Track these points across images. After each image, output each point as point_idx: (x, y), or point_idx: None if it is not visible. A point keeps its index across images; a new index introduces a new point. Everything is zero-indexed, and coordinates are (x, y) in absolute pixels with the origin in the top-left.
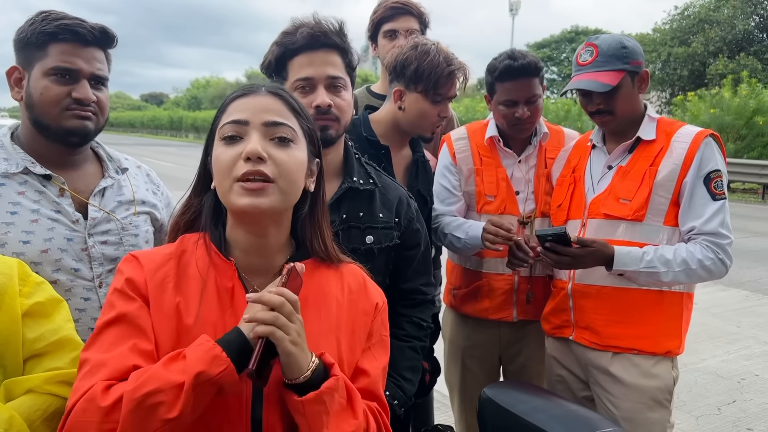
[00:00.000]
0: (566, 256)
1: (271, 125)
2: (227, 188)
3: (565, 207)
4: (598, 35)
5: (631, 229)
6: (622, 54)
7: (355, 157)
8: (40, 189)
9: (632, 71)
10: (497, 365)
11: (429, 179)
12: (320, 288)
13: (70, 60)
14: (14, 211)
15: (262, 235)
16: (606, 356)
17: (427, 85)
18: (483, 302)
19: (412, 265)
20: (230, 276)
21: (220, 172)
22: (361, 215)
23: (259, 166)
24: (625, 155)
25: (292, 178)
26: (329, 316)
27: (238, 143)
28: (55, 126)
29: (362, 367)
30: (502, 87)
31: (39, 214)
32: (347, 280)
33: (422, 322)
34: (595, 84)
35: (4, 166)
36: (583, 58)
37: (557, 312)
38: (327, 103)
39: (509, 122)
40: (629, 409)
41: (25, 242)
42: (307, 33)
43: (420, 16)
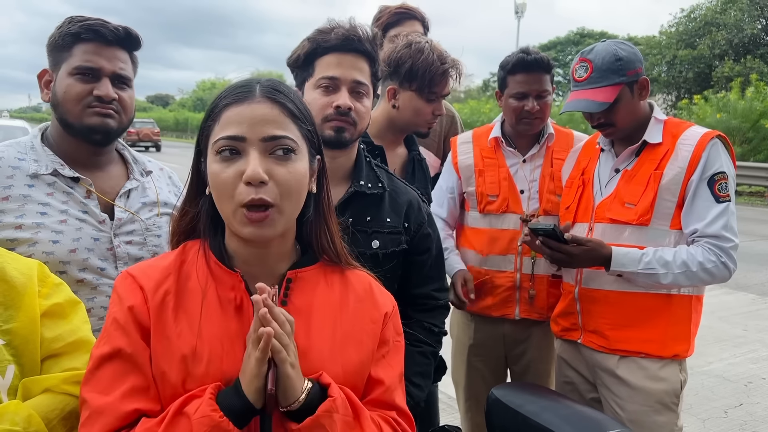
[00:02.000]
0: (560, 253)
1: (271, 140)
2: (230, 212)
3: (573, 209)
4: (593, 47)
5: (637, 234)
6: (617, 67)
7: (366, 161)
8: (68, 190)
9: (630, 82)
10: (503, 365)
11: (426, 178)
12: (325, 297)
13: (92, 59)
14: (44, 212)
15: (265, 248)
16: (613, 359)
17: (421, 84)
18: (486, 299)
19: (423, 270)
20: (233, 286)
21: (221, 194)
22: (368, 219)
23: (261, 192)
24: (632, 158)
25: (295, 196)
26: (334, 325)
27: (235, 160)
28: (78, 123)
29: (376, 376)
30: (514, 79)
31: (67, 214)
32: (354, 288)
33: (434, 327)
34: (592, 104)
35: (35, 167)
36: (579, 74)
37: (566, 315)
38: (348, 106)
39: (518, 116)
40: (635, 411)
41: (54, 242)
42: (342, 34)
43: (423, 21)
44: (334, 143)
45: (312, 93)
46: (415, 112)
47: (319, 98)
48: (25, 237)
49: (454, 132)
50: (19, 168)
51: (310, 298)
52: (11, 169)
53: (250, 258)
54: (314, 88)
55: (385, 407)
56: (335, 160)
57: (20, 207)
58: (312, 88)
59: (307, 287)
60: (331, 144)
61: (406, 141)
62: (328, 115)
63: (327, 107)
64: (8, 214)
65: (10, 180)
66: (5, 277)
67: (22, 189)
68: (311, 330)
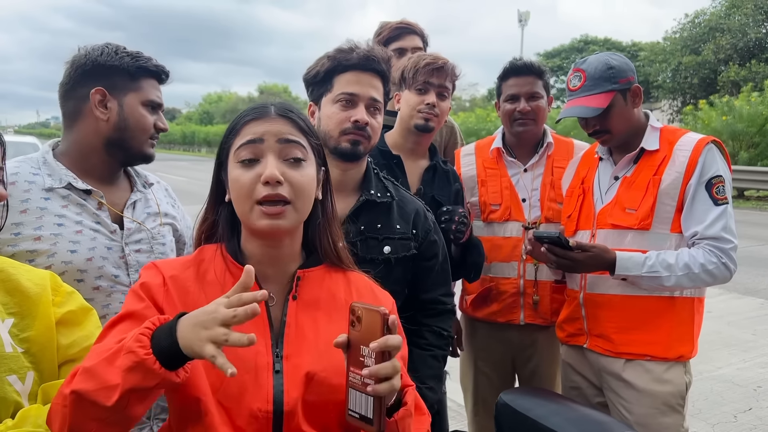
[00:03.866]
0: (565, 259)
1: (286, 142)
2: (248, 210)
3: (574, 217)
4: (585, 58)
5: (639, 238)
6: (609, 75)
7: (374, 172)
8: (81, 202)
9: (622, 89)
10: (511, 370)
11: (448, 186)
12: (330, 293)
13: (157, 94)
14: (61, 223)
15: (277, 247)
16: (619, 363)
17: (410, 78)
18: (492, 306)
19: (430, 275)
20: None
21: (240, 195)
22: (378, 227)
23: (278, 189)
24: (630, 166)
25: (306, 196)
26: (341, 320)
27: (255, 166)
28: (137, 150)
29: None
30: (506, 85)
31: (82, 225)
32: (355, 286)
33: (443, 331)
34: (586, 110)
35: (49, 182)
36: (573, 83)
37: (571, 321)
38: (365, 121)
39: (512, 119)
40: (642, 414)
41: (72, 251)
42: (363, 54)
43: (422, 35)
44: (349, 155)
45: (331, 107)
46: (408, 105)
47: (338, 112)
48: (44, 248)
49: (453, 142)
50: (35, 182)
51: (317, 294)
52: (27, 184)
53: (264, 258)
54: (333, 103)
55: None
56: (347, 172)
57: (38, 219)
58: (330, 103)
59: (314, 285)
60: (346, 156)
61: (429, 151)
62: (345, 129)
63: (345, 121)
64: (27, 226)
65: (26, 194)
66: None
67: (38, 202)
68: (318, 322)
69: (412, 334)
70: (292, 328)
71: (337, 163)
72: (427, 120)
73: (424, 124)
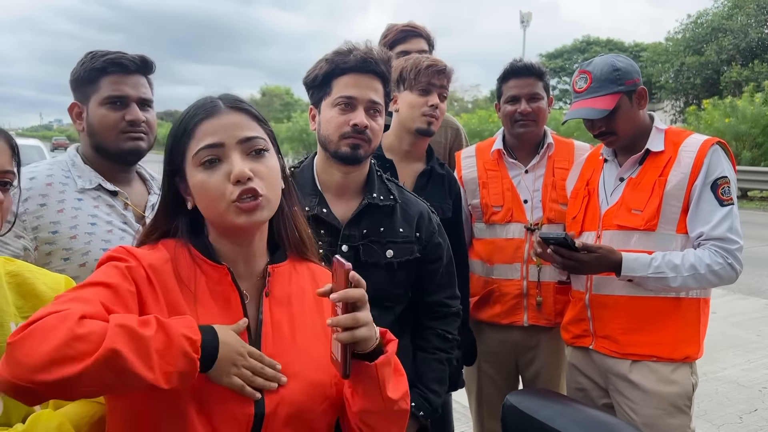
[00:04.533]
0: (571, 261)
1: (246, 141)
2: (222, 210)
3: (579, 219)
4: (591, 60)
5: (645, 239)
6: (615, 77)
7: (377, 175)
8: (111, 203)
9: (628, 91)
10: (515, 372)
11: (444, 191)
12: (300, 288)
13: (119, 88)
14: (94, 222)
15: (248, 244)
16: (625, 364)
17: (410, 79)
18: (495, 307)
19: (435, 278)
20: (219, 281)
21: (212, 198)
22: (381, 230)
23: (250, 184)
24: (635, 167)
25: (275, 187)
26: (313, 315)
27: (218, 166)
28: (114, 148)
29: None
30: (506, 86)
31: (112, 225)
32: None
33: (448, 334)
34: (592, 111)
35: (81, 183)
36: (579, 85)
37: (576, 322)
38: (365, 124)
39: (512, 120)
40: (649, 415)
41: (104, 250)
42: (361, 56)
43: (428, 38)
44: (349, 159)
45: (329, 111)
46: (409, 105)
47: (336, 116)
48: (79, 246)
49: (459, 144)
50: (68, 184)
51: (288, 290)
52: (62, 185)
53: (236, 256)
54: (332, 107)
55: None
56: (348, 176)
57: (73, 219)
58: (329, 107)
59: (283, 280)
60: (346, 160)
61: (426, 153)
62: (345, 133)
63: (344, 125)
64: (64, 225)
65: (62, 194)
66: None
67: (73, 202)
68: (294, 319)
69: (416, 336)
70: (268, 326)
71: (338, 166)
72: (430, 123)
73: (426, 128)
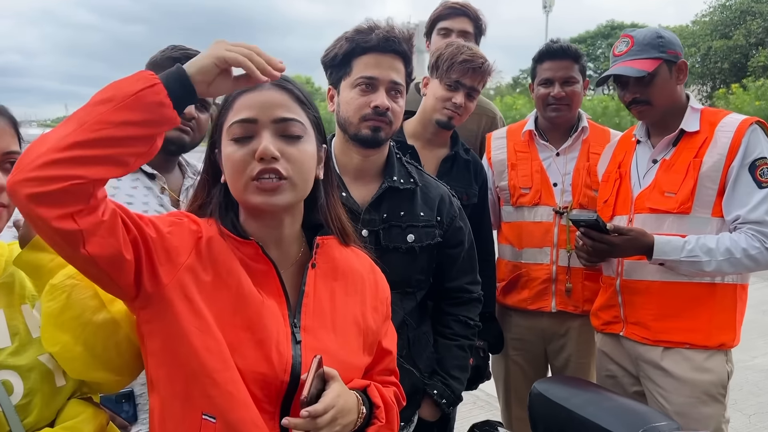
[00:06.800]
0: (602, 243)
1: (281, 122)
2: (242, 187)
3: (611, 203)
4: (635, 28)
5: (678, 223)
6: (658, 43)
7: (396, 157)
8: (149, 185)
9: (669, 60)
10: (543, 359)
11: (468, 176)
12: (347, 262)
13: None
14: (130, 202)
15: (278, 226)
16: (657, 351)
17: (442, 69)
18: (522, 293)
19: (456, 263)
20: (253, 256)
21: (234, 172)
22: (402, 214)
23: (273, 164)
24: (669, 148)
25: (305, 173)
26: (356, 290)
27: (248, 142)
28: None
29: (386, 347)
30: (541, 68)
31: (148, 206)
32: (364, 261)
33: (469, 320)
34: (630, 69)
35: None
36: (619, 49)
37: (606, 308)
38: (386, 106)
39: (545, 103)
40: (682, 403)
41: None
42: (383, 35)
43: (476, 20)
44: (370, 142)
45: (349, 92)
46: (434, 96)
47: (357, 97)
48: None
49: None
50: None
51: (335, 263)
52: None
53: (266, 238)
54: (352, 87)
55: (389, 373)
56: (368, 159)
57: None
58: (349, 87)
59: (331, 253)
60: (366, 142)
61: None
62: (365, 115)
63: (365, 107)
64: None
65: None
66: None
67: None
68: (335, 294)
69: (437, 323)
70: (310, 298)
71: (357, 149)
72: (450, 118)
73: (445, 122)
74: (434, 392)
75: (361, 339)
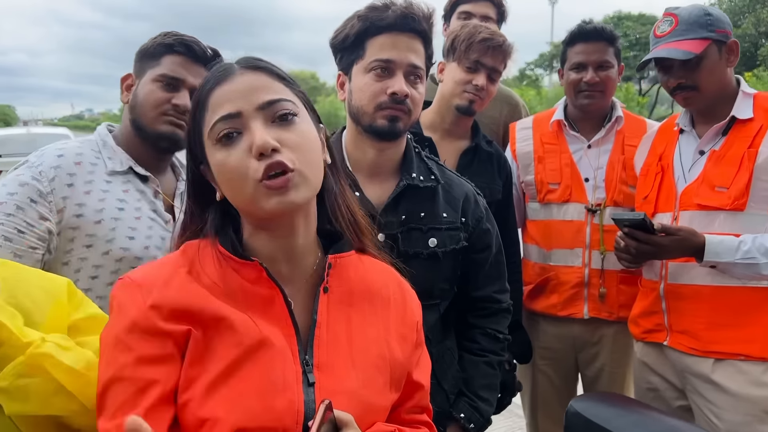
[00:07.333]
0: (647, 245)
1: (268, 106)
2: (250, 194)
3: (652, 199)
4: (678, 6)
5: (731, 220)
6: (706, 21)
7: (415, 152)
8: (141, 189)
9: (718, 40)
10: (574, 369)
11: (491, 170)
12: (365, 283)
13: (177, 70)
14: (122, 207)
15: (290, 235)
16: (707, 363)
17: (459, 50)
18: (551, 297)
19: (483, 269)
20: (255, 279)
21: (235, 180)
22: (422, 216)
23: (276, 157)
24: (718, 138)
25: (312, 157)
26: (378, 315)
27: (237, 141)
28: (150, 128)
29: (418, 380)
30: (573, 51)
31: (141, 212)
32: (389, 277)
33: (498, 333)
34: (676, 51)
35: (111, 165)
36: (662, 29)
37: (648, 315)
38: (405, 92)
39: (576, 90)
40: (737, 422)
41: (130, 238)
42: (401, 12)
43: (499, 6)
44: (386, 134)
45: (363, 77)
46: (453, 80)
47: (371, 83)
48: (103, 233)
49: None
50: (97, 165)
51: (351, 285)
52: (91, 165)
53: (276, 253)
54: (365, 72)
55: (420, 411)
56: (383, 153)
57: (101, 201)
58: (362, 72)
59: (347, 273)
60: (383, 134)
61: (472, 129)
62: (381, 103)
63: (381, 94)
64: (89, 207)
65: (91, 175)
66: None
67: (101, 184)
68: (352, 323)
69: (461, 336)
70: (323, 329)
71: (371, 142)
72: (472, 102)
73: (467, 106)
74: (461, 416)
75: (387, 374)
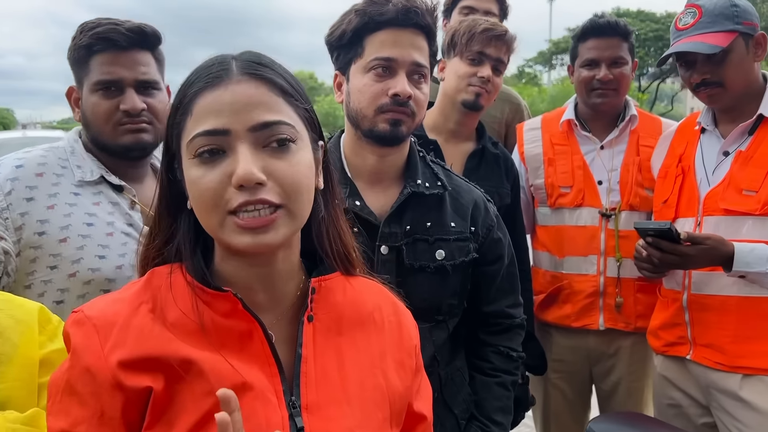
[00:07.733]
0: (672, 254)
1: (262, 128)
2: (217, 224)
3: (672, 203)
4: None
5: (761, 226)
6: (732, 13)
7: (419, 156)
8: (114, 200)
9: (745, 33)
10: (588, 382)
11: (498, 173)
12: (354, 306)
13: (110, 70)
14: (90, 223)
15: (268, 264)
16: (734, 378)
17: (461, 44)
18: (564, 308)
19: (494, 282)
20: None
21: (204, 204)
22: (429, 226)
23: (259, 193)
24: (744, 138)
25: (304, 193)
26: (371, 342)
27: (218, 161)
28: (112, 144)
29: (419, 411)
30: (584, 46)
31: (114, 227)
32: (382, 298)
33: (511, 351)
34: (699, 45)
35: (79, 174)
36: (684, 21)
37: (669, 327)
38: (408, 93)
39: (588, 88)
40: None
41: (101, 257)
42: (402, 5)
43: (501, 2)
44: (388, 139)
45: (362, 78)
46: (455, 76)
47: (371, 84)
48: (69, 252)
49: (519, 121)
50: (63, 175)
51: (338, 311)
52: (56, 177)
53: (251, 281)
54: (364, 72)
55: None
56: (385, 159)
57: (66, 217)
58: (361, 72)
59: (333, 298)
60: (384, 140)
61: (477, 131)
62: (382, 105)
63: (381, 95)
64: (53, 224)
65: (56, 187)
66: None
67: (67, 197)
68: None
69: (472, 355)
70: (310, 365)
71: (372, 148)
72: (478, 95)
73: (473, 101)
74: None
75: (386, 408)
